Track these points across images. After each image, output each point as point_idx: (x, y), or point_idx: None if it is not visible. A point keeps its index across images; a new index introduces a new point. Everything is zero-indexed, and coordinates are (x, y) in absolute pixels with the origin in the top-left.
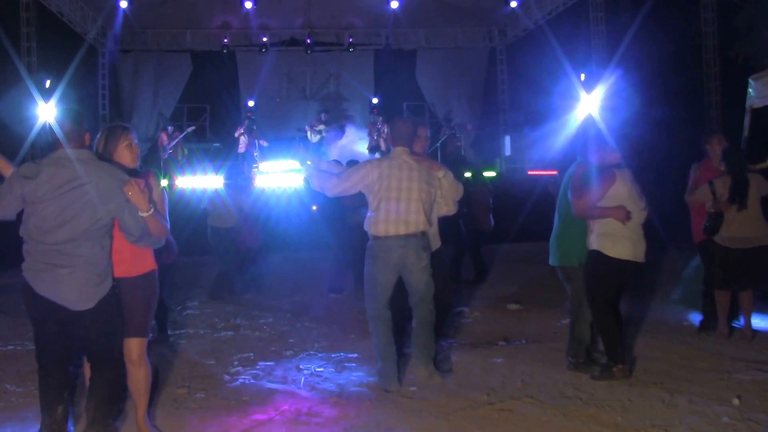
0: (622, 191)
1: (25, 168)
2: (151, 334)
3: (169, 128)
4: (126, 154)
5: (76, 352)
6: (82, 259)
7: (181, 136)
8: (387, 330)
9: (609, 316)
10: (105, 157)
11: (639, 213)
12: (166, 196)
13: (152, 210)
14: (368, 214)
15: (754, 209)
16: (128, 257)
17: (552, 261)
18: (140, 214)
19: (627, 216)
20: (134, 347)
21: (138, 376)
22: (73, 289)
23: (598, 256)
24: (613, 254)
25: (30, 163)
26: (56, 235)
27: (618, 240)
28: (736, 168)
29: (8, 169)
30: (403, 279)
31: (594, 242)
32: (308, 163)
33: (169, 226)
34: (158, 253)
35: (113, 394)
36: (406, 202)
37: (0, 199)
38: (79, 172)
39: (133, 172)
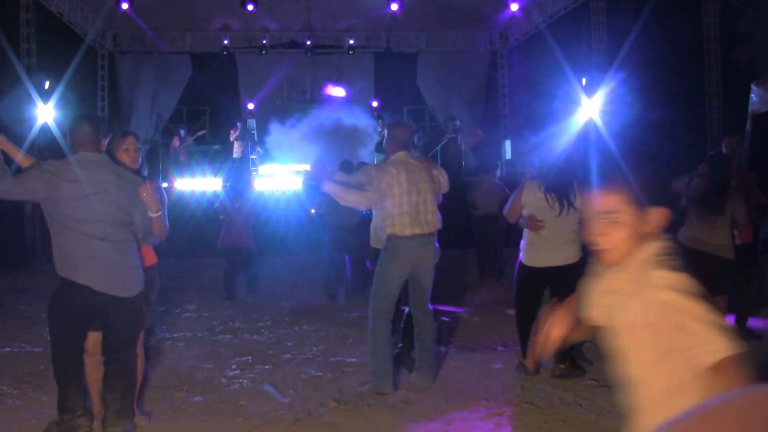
0: (530, 200)
1: (50, 165)
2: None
3: (182, 132)
4: (124, 157)
5: (107, 338)
6: (121, 245)
7: (192, 138)
8: (388, 329)
9: (523, 314)
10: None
11: (554, 219)
12: (166, 199)
13: (160, 212)
14: (381, 216)
15: (723, 220)
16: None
17: None
18: (150, 214)
19: (536, 225)
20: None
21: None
22: (120, 275)
23: (518, 262)
24: (525, 261)
25: (54, 162)
26: (90, 227)
27: (530, 249)
28: (718, 172)
29: (17, 153)
30: (410, 278)
31: (521, 248)
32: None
33: (168, 227)
34: None
35: (135, 382)
36: (423, 203)
37: (20, 183)
38: (100, 174)
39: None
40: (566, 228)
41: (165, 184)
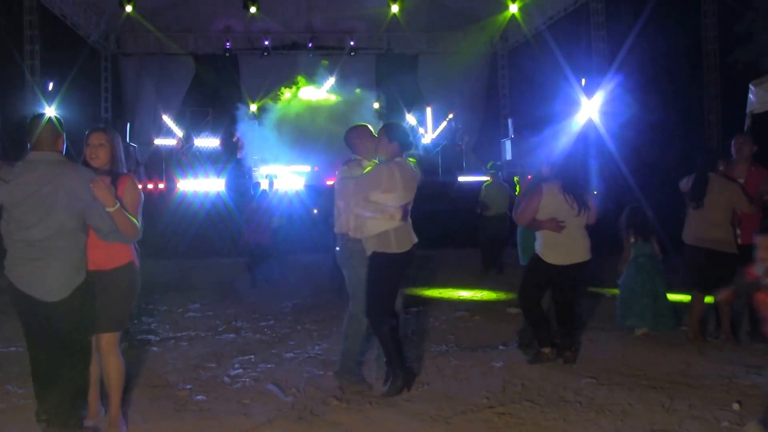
0: (551, 202)
1: (3, 171)
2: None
3: (183, 134)
4: (87, 153)
5: (50, 343)
6: (58, 252)
7: (194, 139)
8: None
9: (535, 307)
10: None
11: (574, 219)
12: (142, 199)
13: (117, 205)
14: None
15: (713, 213)
16: (102, 251)
17: (521, 261)
18: (107, 209)
19: (559, 226)
20: (104, 339)
21: (108, 369)
22: (48, 281)
23: (537, 259)
24: (550, 260)
25: (6, 166)
26: (33, 232)
27: (554, 247)
28: (699, 168)
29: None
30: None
31: (537, 247)
32: None
33: (140, 226)
34: None
35: (79, 391)
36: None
37: None
38: (49, 173)
39: (112, 174)
40: (581, 226)
41: (161, 184)
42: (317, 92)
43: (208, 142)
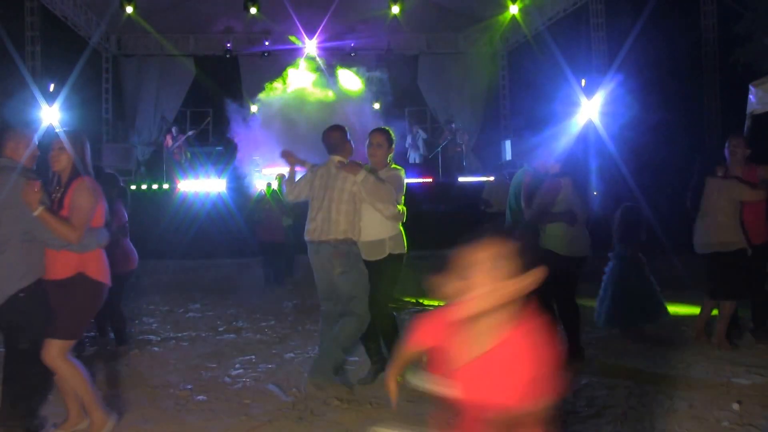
0: (565, 198)
1: None
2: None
3: (173, 130)
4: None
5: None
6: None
7: (183, 138)
8: None
9: (544, 302)
10: None
11: (580, 215)
12: (90, 203)
13: (40, 209)
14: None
15: (718, 216)
16: (51, 261)
17: None
18: (33, 213)
19: (574, 219)
20: (50, 347)
21: (60, 376)
22: None
23: (549, 255)
24: (560, 251)
25: None
26: None
27: (557, 238)
28: (696, 173)
29: None
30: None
31: (547, 243)
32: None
33: (82, 231)
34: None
35: (22, 391)
36: (317, 210)
37: None
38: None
39: (71, 177)
40: (582, 224)
41: (165, 185)
42: (307, 78)
43: (206, 143)
